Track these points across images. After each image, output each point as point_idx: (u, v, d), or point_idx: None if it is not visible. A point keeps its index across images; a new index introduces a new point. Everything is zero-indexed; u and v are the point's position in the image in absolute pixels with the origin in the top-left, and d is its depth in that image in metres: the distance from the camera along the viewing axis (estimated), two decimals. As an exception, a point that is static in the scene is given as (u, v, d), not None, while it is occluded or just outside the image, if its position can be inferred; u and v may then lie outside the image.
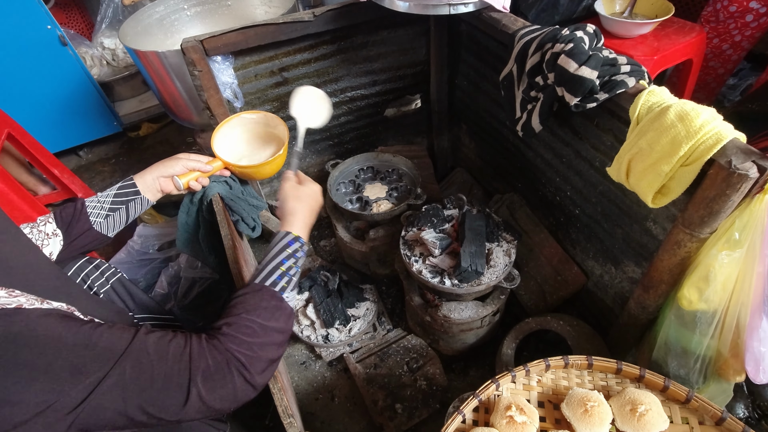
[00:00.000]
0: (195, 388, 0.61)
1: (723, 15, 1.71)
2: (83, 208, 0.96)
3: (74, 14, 2.79)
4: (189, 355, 0.62)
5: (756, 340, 0.84)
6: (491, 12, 1.24)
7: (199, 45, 1.27)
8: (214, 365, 0.63)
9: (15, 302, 0.55)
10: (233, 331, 0.67)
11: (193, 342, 0.64)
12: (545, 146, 1.27)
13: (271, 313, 0.72)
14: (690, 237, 0.84)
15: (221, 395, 0.63)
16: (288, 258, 0.81)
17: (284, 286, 0.77)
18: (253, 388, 0.66)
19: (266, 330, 0.70)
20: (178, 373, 0.61)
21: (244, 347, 0.66)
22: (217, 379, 0.63)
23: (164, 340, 0.63)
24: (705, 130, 0.74)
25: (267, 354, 0.69)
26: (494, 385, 0.91)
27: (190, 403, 0.60)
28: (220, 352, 0.64)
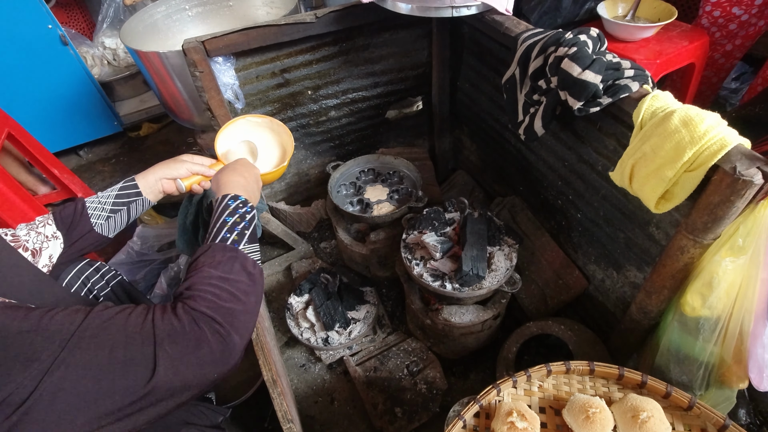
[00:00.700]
0: (163, 353, 0.56)
1: (707, 21, 1.71)
2: (84, 209, 0.95)
3: (75, 14, 2.79)
4: (152, 321, 0.58)
5: (760, 347, 0.84)
6: (494, 14, 1.24)
7: (200, 46, 1.27)
8: (180, 326, 0.59)
9: None
10: (194, 291, 0.64)
11: (156, 309, 0.61)
12: (547, 150, 1.27)
13: (230, 265, 0.69)
14: (693, 243, 0.84)
15: (198, 358, 0.58)
16: (230, 215, 0.78)
17: (236, 239, 0.74)
18: (229, 347, 0.61)
19: (229, 282, 0.67)
20: (141, 342, 0.56)
21: (209, 302, 0.63)
22: (188, 339, 0.58)
23: (124, 313, 0.59)
24: (709, 136, 0.73)
25: (237, 306, 0.65)
26: (495, 391, 0.90)
27: (159, 371, 0.55)
28: (185, 312, 0.61)
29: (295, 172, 1.79)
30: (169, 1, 2.06)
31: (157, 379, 0.55)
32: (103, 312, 0.57)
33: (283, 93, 1.53)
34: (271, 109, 1.54)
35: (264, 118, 1.26)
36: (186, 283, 0.66)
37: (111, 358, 0.54)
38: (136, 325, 0.57)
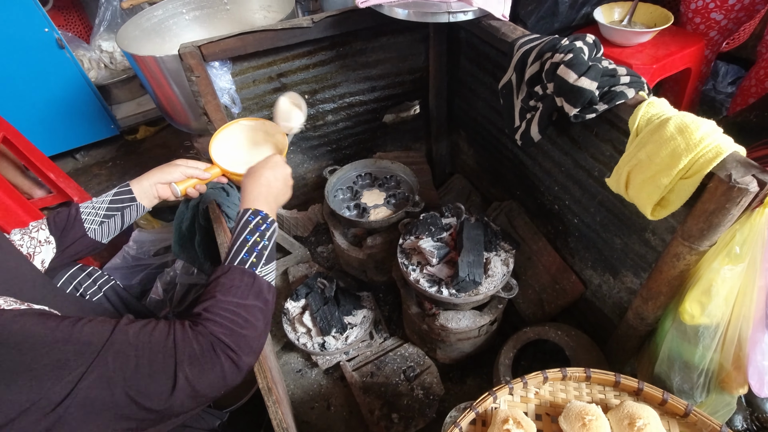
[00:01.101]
0: (182, 373, 0.60)
1: (691, 27, 1.72)
2: (77, 214, 0.95)
3: (72, 17, 2.78)
4: (173, 341, 0.62)
5: (759, 354, 0.84)
6: (490, 20, 1.24)
7: (197, 50, 1.27)
8: (199, 350, 0.62)
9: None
10: (213, 316, 0.67)
11: (177, 328, 0.64)
12: (544, 155, 1.27)
13: (246, 291, 0.72)
14: (689, 250, 0.84)
15: (210, 380, 0.62)
16: (251, 234, 0.79)
17: (254, 262, 0.76)
18: (239, 370, 0.66)
19: (244, 308, 0.70)
20: (164, 360, 0.60)
21: (226, 329, 0.66)
22: (204, 363, 0.62)
23: (147, 328, 0.62)
24: (705, 143, 0.73)
25: (250, 332, 0.68)
26: (491, 398, 0.90)
27: (178, 388, 0.59)
28: (203, 336, 0.64)
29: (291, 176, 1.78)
30: (166, 5, 2.06)
31: (175, 396, 0.59)
32: (128, 326, 0.61)
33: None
34: (267, 113, 1.54)
35: (257, 120, 1.26)
36: (204, 303, 0.69)
37: (136, 372, 0.58)
38: (159, 342, 0.61)
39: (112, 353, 0.57)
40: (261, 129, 1.28)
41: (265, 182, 0.92)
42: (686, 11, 1.71)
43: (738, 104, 1.78)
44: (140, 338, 0.60)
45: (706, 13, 1.65)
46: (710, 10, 1.64)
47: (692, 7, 1.67)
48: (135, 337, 0.60)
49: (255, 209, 0.84)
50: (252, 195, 0.88)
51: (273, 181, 0.93)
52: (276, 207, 0.91)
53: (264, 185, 0.91)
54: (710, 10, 1.64)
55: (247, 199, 0.88)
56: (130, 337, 0.59)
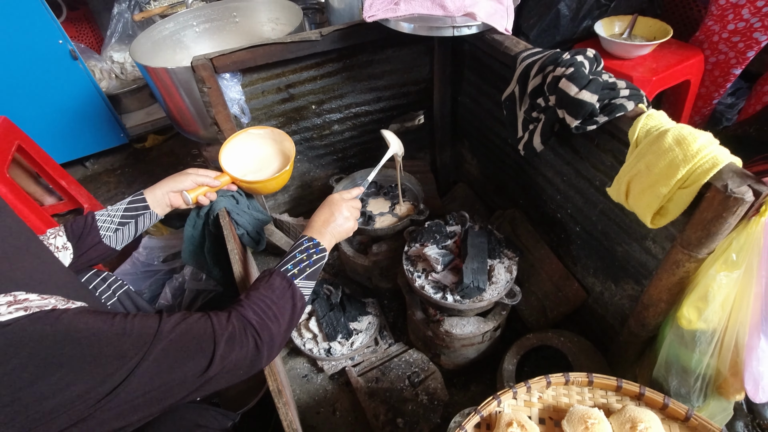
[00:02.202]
0: (219, 350, 0.69)
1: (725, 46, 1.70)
2: (93, 221, 0.99)
3: (84, 29, 2.85)
4: (211, 326, 0.71)
5: (755, 360, 0.85)
6: (494, 34, 1.27)
7: (208, 63, 1.31)
8: (233, 330, 0.72)
9: (50, 304, 0.60)
10: (249, 303, 0.78)
11: (213, 316, 0.73)
12: (546, 164, 1.30)
13: (282, 293, 0.84)
14: (688, 257, 0.86)
15: (236, 357, 0.71)
16: (300, 253, 0.92)
17: (295, 273, 0.88)
18: (259, 356, 0.75)
19: (277, 306, 0.81)
20: (205, 341, 0.69)
21: (257, 316, 0.77)
22: (236, 341, 0.72)
23: (187, 318, 0.71)
24: (702, 154, 0.76)
25: (276, 327, 0.78)
26: (496, 402, 0.91)
27: (212, 365, 0.68)
28: (238, 319, 0.75)
29: (298, 184, 1.82)
30: (177, 18, 2.11)
31: (210, 371, 0.68)
32: (170, 318, 0.69)
33: (287, 108, 1.57)
34: (275, 123, 1.58)
35: (265, 129, 1.30)
36: (247, 292, 0.82)
37: (183, 354, 0.66)
38: (200, 327, 0.70)
39: (162, 341, 0.64)
40: (269, 137, 1.31)
41: (329, 216, 1.04)
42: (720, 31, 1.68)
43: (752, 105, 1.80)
44: (181, 327, 0.68)
45: (749, 32, 1.63)
46: (754, 30, 1.61)
47: (730, 28, 1.65)
48: (178, 326, 0.68)
49: (310, 236, 0.97)
50: (315, 225, 1.02)
51: (338, 217, 1.05)
52: (334, 239, 1.03)
53: (327, 218, 1.04)
54: (754, 30, 1.61)
55: (310, 227, 1.02)
56: (175, 326, 0.67)
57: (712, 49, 1.73)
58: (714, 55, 1.74)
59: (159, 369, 0.63)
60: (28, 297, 0.59)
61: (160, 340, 0.64)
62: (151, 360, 0.62)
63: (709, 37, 1.72)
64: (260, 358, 0.75)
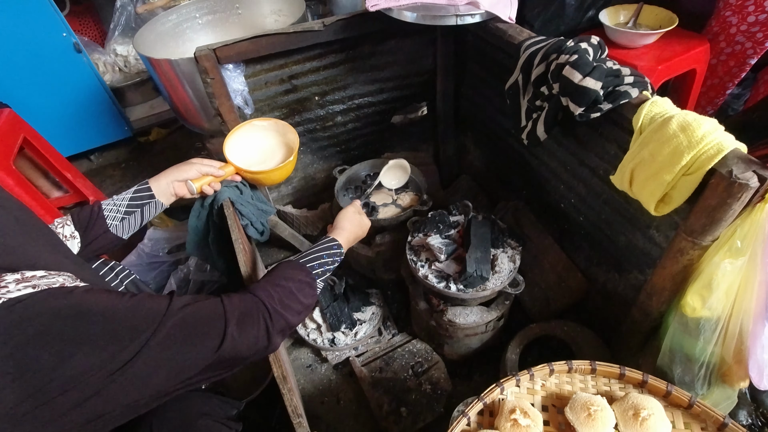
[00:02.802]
0: (230, 328, 0.69)
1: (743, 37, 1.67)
2: (100, 211, 0.99)
3: (88, 22, 2.85)
4: (222, 306, 0.72)
5: (759, 347, 0.85)
6: (497, 23, 1.27)
7: (211, 53, 1.31)
8: (245, 309, 0.73)
9: (59, 281, 0.61)
10: (268, 286, 0.80)
11: (224, 298, 0.74)
12: (550, 155, 1.29)
13: (301, 286, 0.85)
14: (692, 245, 0.86)
15: (247, 337, 0.72)
16: (329, 255, 0.97)
17: (318, 273, 0.92)
18: (269, 340, 0.75)
19: (293, 297, 0.82)
20: (216, 318, 0.70)
21: (273, 301, 0.77)
22: (247, 321, 0.72)
23: (198, 298, 0.72)
24: (706, 141, 0.76)
25: (288, 315, 0.79)
26: (499, 389, 0.92)
27: (224, 343, 0.68)
28: (252, 300, 0.76)
29: (302, 176, 1.82)
30: (180, 10, 2.11)
31: (222, 349, 0.68)
32: (182, 297, 0.70)
33: (291, 99, 1.57)
34: (279, 115, 1.58)
35: (269, 120, 1.30)
36: (267, 276, 0.84)
37: (193, 331, 0.67)
38: (210, 307, 0.71)
39: (172, 318, 0.65)
40: (273, 129, 1.31)
41: (356, 226, 1.14)
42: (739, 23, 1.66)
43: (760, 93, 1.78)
44: (193, 306, 0.69)
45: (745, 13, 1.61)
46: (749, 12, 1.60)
47: (750, 20, 1.62)
48: (189, 306, 0.69)
49: (340, 242, 1.04)
50: (344, 232, 1.10)
51: (359, 227, 1.15)
52: (351, 245, 1.12)
53: (355, 227, 1.13)
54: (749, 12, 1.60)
55: (338, 233, 1.09)
56: (185, 305, 0.68)
57: (728, 40, 1.71)
58: (730, 45, 1.72)
59: (169, 346, 0.63)
60: (35, 274, 0.60)
61: (171, 316, 0.65)
62: (161, 337, 0.63)
63: (725, 28, 1.69)
64: (269, 342, 0.75)
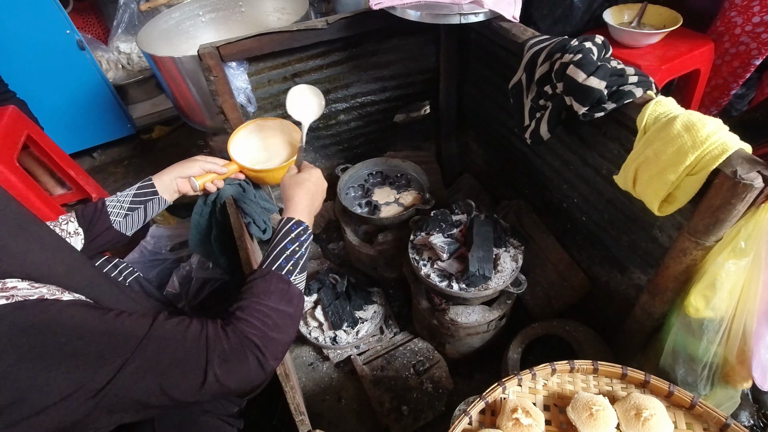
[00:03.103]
0: (212, 371, 0.63)
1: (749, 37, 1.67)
2: (104, 207, 1.00)
3: (91, 19, 2.85)
4: (206, 339, 0.65)
5: (763, 348, 0.85)
6: (501, 22, 1.26)
7: (215, 51, 1.31)
8: (229, 349, 0.65)
9: (37, 293, 0.57)
10: (246, 316, 0.70)
11: (209, 327, 0.67)
12: (553, 154, 1.29)
13: (280, 297, 0.75)
14: (695, 245, 0.86)
15: (237, 377, 0.65)
16: (292, 242, 0.82)
17: (290, 269, 0.79)
18: (264, 371, 0.68)
19: (277, 312, 0.73)
20: (196, 356, 0.63)
21: (257, 330, 0.69)
22: (232, 361, 0.65)
23: (182, 325, 0.65)
24: (711, 141, 0.75)
25: (279, 336, 0.71)
26: (501, 388, 0.92)
27: (207, 384, 0.62)
28: (235, 335, 0.67)
29: (304, 174, 1.82)
30: (183, 8, 2.11)
31: (205, 389, 0.62)
32: (165, 322, 0.64)
33: (294, 97, 1.56)
34: (282, 113, 1.58)
35: (274, 120, 1.30)
36: (239, 303, 0.73)
37: (170, 367, 0.61)
38: (193, 339, 0.64)
39: (150, 346, 0.60)
40: (278, 128, 1.31)
41: (311, 195, 0.95)
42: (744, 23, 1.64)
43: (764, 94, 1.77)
44: (176, 334, 0.63)
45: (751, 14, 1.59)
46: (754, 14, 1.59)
47: (755, 20, 1.61)
48: (171, 333, 0.63)
49: (298, 220, 0.87)
50: (299, 205, 0.91)
51: (316, 194, 0.97)
52: (313, 218, 0.95)
53: (309, 197, 0.94)
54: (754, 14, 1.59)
55: (292, 209, 0.91)
56: (167, 332, 0.63)
57: (733, 40, 1.70)
58: (734, 46, 1.71)
59: (145, 375, 0.59)
60: (17, 285, 0.57)
61: (149, 343, 0.60)
62: (138, 363, 0.59)
63: (730, 29, 1.69)
64: (265, 372, 0.69)
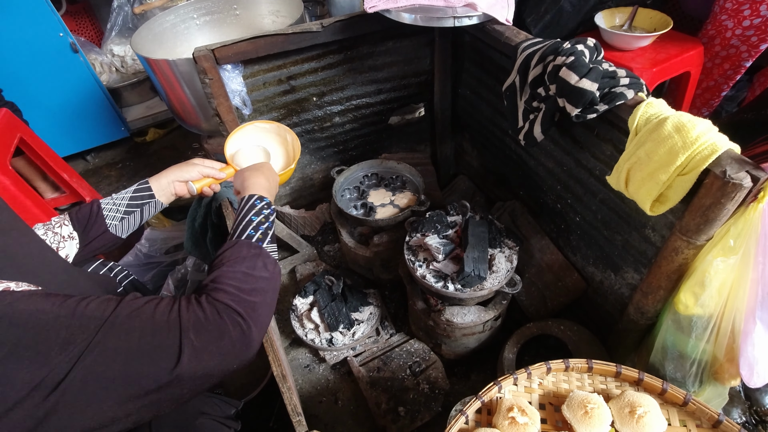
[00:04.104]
0: (188, 341, 0.59)
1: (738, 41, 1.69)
2: (99, 210, 0.99)
3: (84, 22, 2.84)
4: (178, 311, 0.61)
5: (750, 345, 0.87)
6: (494, 24, 1.28)
7: (210, 54, 1.31)
8: (204, 316, 0.62)
9: (2, 286, 0.55)
10: (220, 284, 0.67)
11: (181, 301, 0.64)
12: (546, 155, 1.31)
13: (253, 261, 0.73)
14: (687, 244, 0.87)
15: (219, 349, 0.61)
16: (256, 215, 0.82)
17: (260, 238, 0.78)
18: (248, 339, 0.64)
19: (252, 277, 0.71)
20: (168, 329, 0.59)
21: (233, 296, 0.66)
22: (211, 330, 0.61)
23: (152, 303, 0.62)
24: (701, 141, 0.77)
25: (258, 299, 0.69)
26: (497, 387, 0.93)
27: (183, 358, 0.58)
28: (210, 303, 0.64)
29: (299, 176, 1.82)
30: (178, 10, 2.11)
31: (181, 366, 0.58)
32: (132, 302, 0.60)
33: (289, 99, 1.57)
34: (277, 115, 1.58)
35: (271, 123, 1.30)
36: (212, 275, 0.70)
37: (140, 345, 0.57)
38: (163, 314, 0.60)
39: (116, 326, 0.57)
40: (275, 132, 1.32)
41: (264, 179, 0.97)
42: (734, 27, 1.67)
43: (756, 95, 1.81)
44: (144, 312, 0.60)
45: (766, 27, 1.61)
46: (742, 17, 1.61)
47: (746, 24, 1.64)
48: (138, 311, 0.60)
49: (260, 195, 0.88)
50: (256, 185, 0.93)
51: (270, 179, 0.99)
52: (273, 192, 0.97)
53: (264, 180, 0.97)
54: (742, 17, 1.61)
55: (250, 187, 0.92)
56: (134, 311, 0.59)
57: (723, 43, 1.73)
58: (725, 49, 1.74)
59: (112, 359, 0.55)
60: None
61: (112, 325, 0.57)
62: (101, 347, 0.55)
63: (721, 32, 1.71)
64: (249, 340, 0.64)
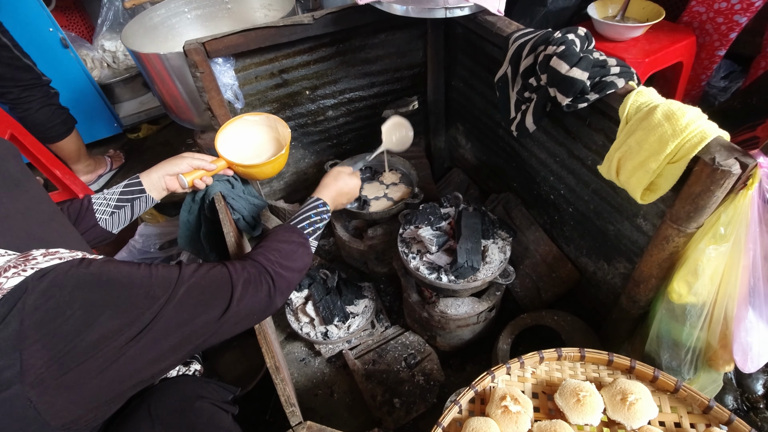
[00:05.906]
0: (236, 292, 0.75)
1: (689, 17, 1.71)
2: (89, 204, 0.99)
3: (75, 17, 2.81)
4: (228, 272, 0.77)
5: (743, 331, 0.87)
6: (486, 15, 1.27)
7: (201, 47, 1.30)
8: (249, 275, 0.79)
9: (80, 254, 0.65)
10: (265, 251, 0.86)
11: (229, 264, 0.79)
12: (539, 146, 1.31)
13: (297, 247, 0.92)
14: (678, 232, 0.88)
15: (251, 302, 0.77)
16: (316, 214, 1.02)
17: (309, 232, 0.98)
18: (272, 302, 0.81)
19: (291, 257, 0.88)
20: (224, 285, 0.75)
21: (273, 264, 0.84)
22: (252, 286, 0.78)
23: (206, 266, 0.76)
24: (690, 129, 0.77)
25: (289, 275, 0.85)
26: (490, 377, 0.93)
27: (230, 307, 0.74)
28: (254, 266, 0.81)
29: (293, 170, 1.82)
30: (168, 4, 2.09)
31: (228, 312, 0.73)
32: (190, 266, 0.75)
33: (281, 93, 1.56)
34: (269, 109, 1.57)
35: (261, 115, 1.30)
36: (262, 243, 0.89)
37: (204, 297, 0.72)
38: (217, 273, 0.76)
39: (184, 284, 0.70)
40: (265, 123, 1.31)
41: (338, 188, 1.16)
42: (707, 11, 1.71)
43: None
44: (200, 272, 0.74)
45: (730, 14, 1.66)
46: (735, 12, 1.65)
47: (716, 7, 1.68)
48: (197, 272, 0.73)
49: (325, 201, 1.08)
50: (327, 190, 1.14)
51: (343, 190, 1.18)
52: (336, 207, 1.17)
53: (337, 189, 1.16)
54: (735, 12, 1.65)
55: (320, 191, 1.14)
56: (194, 272, 0.73)
57: (700, 30, 1.74)
58: (701, 36, 1.75)
59: (183, 310, 0.68)
60: (59, 250, 0.64)
61: (183, 283, 0.69)
62: (176, 302, 0.67)
63: (695, 18, 1.73)
64: (272, 304, 0.81)
